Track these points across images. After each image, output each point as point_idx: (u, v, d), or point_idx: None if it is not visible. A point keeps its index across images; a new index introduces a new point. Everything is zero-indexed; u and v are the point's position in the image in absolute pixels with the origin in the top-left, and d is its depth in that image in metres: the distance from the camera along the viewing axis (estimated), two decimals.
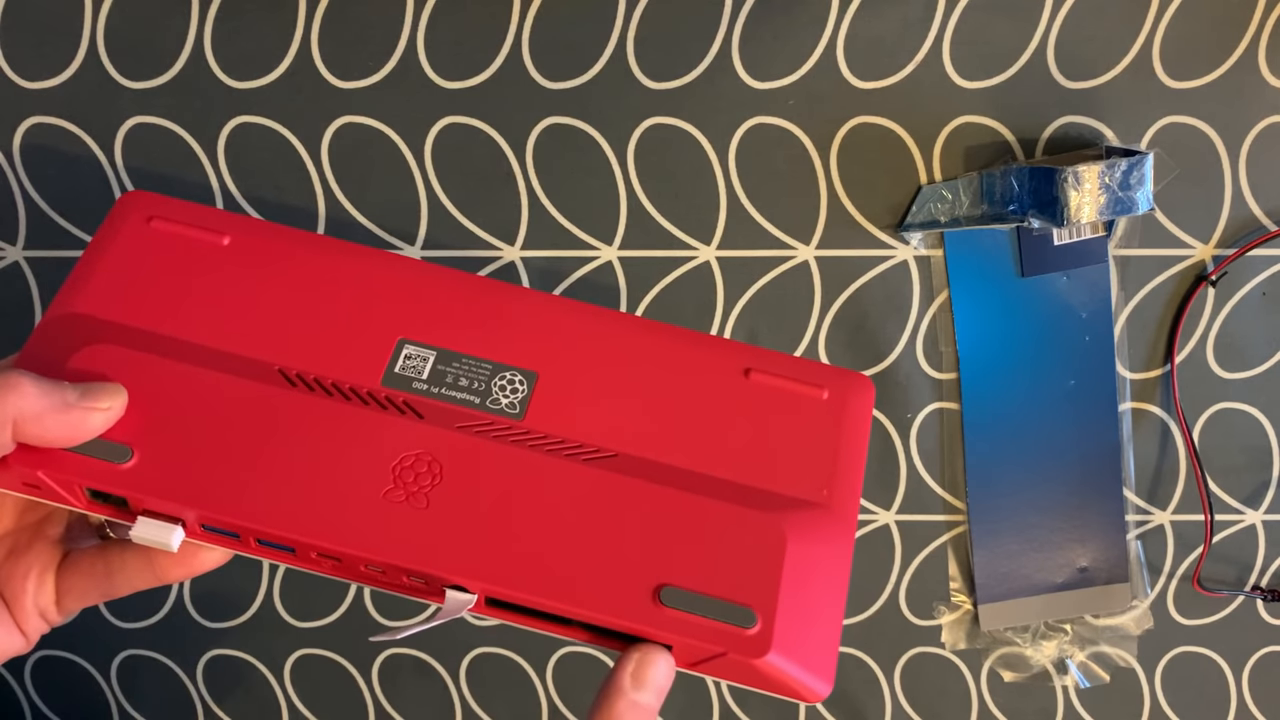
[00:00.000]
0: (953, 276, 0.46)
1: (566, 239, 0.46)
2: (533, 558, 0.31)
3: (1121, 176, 0.42)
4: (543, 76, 0.45)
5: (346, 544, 0.31)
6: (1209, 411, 0.47)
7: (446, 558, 0.31)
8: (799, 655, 0.31)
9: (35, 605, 0.34)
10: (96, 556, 0.34)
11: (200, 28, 0.45)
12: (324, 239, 0.36)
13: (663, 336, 0.35)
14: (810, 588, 0.33)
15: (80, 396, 0.30)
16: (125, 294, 0.34)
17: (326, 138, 0.45)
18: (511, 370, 0.34)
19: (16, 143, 0.45)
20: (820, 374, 0.35)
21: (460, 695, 0.49)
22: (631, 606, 0.31)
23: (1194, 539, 0.48)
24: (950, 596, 0.48)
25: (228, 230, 0.35)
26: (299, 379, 0.33)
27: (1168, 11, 0.45)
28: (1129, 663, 0.49)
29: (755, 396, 0.35)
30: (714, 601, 0.31)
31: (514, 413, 0.33)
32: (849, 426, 0.35)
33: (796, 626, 0.32)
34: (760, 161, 0.46)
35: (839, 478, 0.34)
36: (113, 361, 0.32)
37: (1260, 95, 0.45)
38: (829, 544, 0.33)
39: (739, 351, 0.35)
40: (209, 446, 0.31)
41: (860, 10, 0.45)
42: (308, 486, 0.31)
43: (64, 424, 0.30)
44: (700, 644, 0.31)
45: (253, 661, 0.49)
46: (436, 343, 0.34)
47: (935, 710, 0.49)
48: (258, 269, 0.35)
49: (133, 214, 0.35)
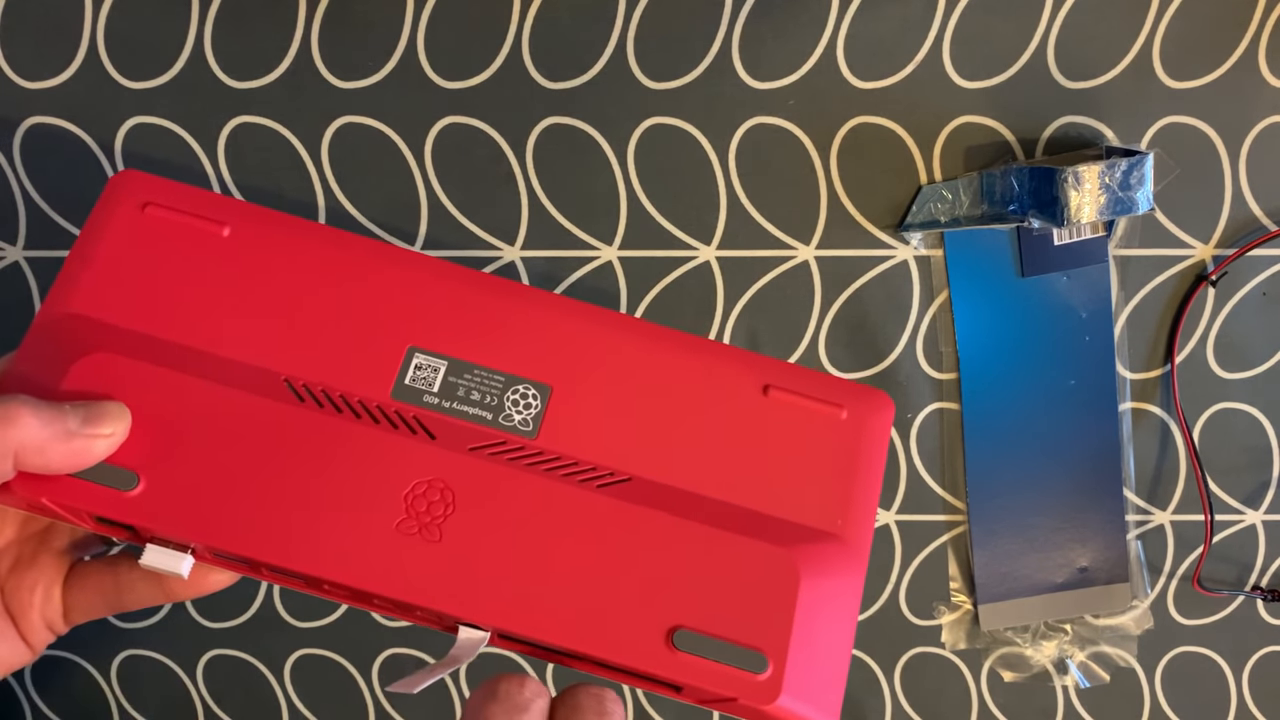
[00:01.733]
0: (953, 276, 0.46)
1: (566, 239, 0.46)
2: (547, 596, 0.31)
3: (1121, 176, 0.42)
4: (543, 76, 0.45)
5: (361, 581, 0.30)
6: (1209, 411, 0.47)
7: (461, 598, 0.31)
8: (808, 696, 0.32)
9: (42, 618, 0.33)
10: (105, 573, 0.34)
11: (200, 28, 0.45)
12: (327, 229, 0.34)
13: (680, 348, 0.34)
14: (821, 624, 0.32)
15: (82, 423, 0.29)
16: (122, 291, 0.32)
17: (326, 138, 0.45)
18: (525, 384, 0.33)
19: (16, 143, 0.45)
20: (840, 392, 0.34)
21: (460, 695, 0.49)
22: (645, 650, 0.31)
23: (1194, 539, 0.48)
24: (950, 596, 0.48)
25: (227, 219, 0.33)
26: (307, 392, 0.32)
27: (1168, 11, 0.45)
28: (1129, 663, 0.49)
29: (773, 416, 0.34)
30: (726, 645, 0.31)
31: (527, 430, 0.33)
32: (866, 449, 0.34)
33: (807, 667, 0.32)
34: (760, 161, 0.46)
35: (854, 506, 0.34)
36: (113, 373, 0.31)
37: (1260, 95, 0.45)
38: (841, 577, 0.33)
39: (758, 366, 0.34)
40: (218, 472, 0.31)
41: (860, 10, 0.45)
42: (320, 516, 0.31)
43: (67, 453, 0.29)
44: (711, 689, 0.31)
45: (253, 661, 0.49)
46: (448, 351, 0.33)
47: (935, 710, 0.49)
48: (260, 264, 0.33)
49: (126, 198, 0.33)
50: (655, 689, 0.32)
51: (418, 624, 0.32)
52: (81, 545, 0.35)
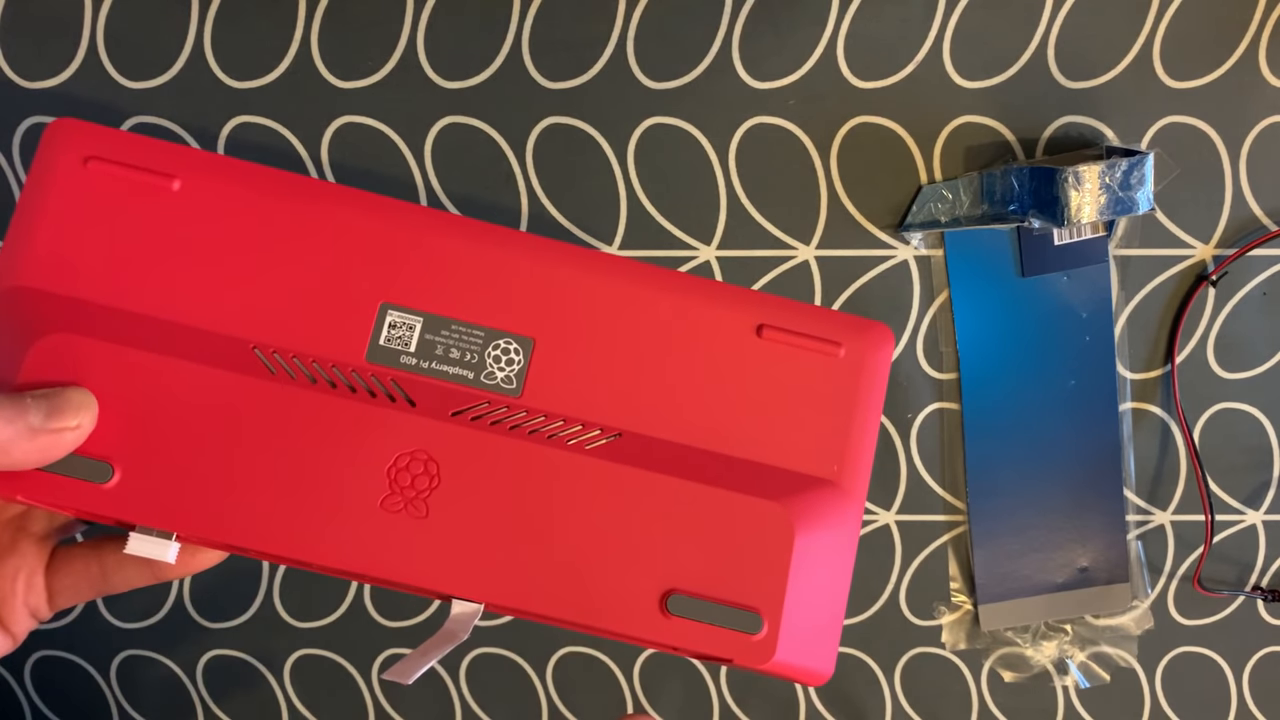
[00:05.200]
0: (953, 276, 0.46)
1: (566, 239, 0.46)
2: (539, 567, 0.30)
3: (1122, 176, 0.42)
4: (543, 76, 0.45)
5: (350, 564, 0.30)
6: (1209, 411, 0.47)
7: (452, 575, 0.30)
8: (802, 650, 0.32)
9: (26, 606, 0.33)
10: (90, 557, 0.33)
11: (200, 28, 0.45)
12: (283, 175, 0.32)
13: (668, 288, 0.32)
14: (817, 575, 0.32)
15: (46, 417, 0.28)
16: (71, 259, 0.30)
17: (326, 138, 0.45)
18: (506, 337, 0.31)
19: (16, 143, 0.45)
20: (837, 326, 0.33)
21: (460, 695, 0.49)
22: (639, 618, 0.30)
23: (1194, 539, 0.48)
24: (950, 596, 0.48)
25: (176, 170, 0.31)
26: (277, 360, 0.30)
27: (1168, 11, 0.45)
28: (1129, 663, 0.49)
29: (767, 358, 0.32)
30: (720, 608, 0.31)
31: (510, 388, 0.31)
32: (864, 388, 0.33)
33: (802, 620, 0.32)
34: (760, 161, 0.46)
35: (851, 449, 0.32)
36: (74, 355, 0.29)
37: (1260, 95, 0.45)
38: (838, 525, 0.33)
39: (751, 303, 0.32)
40: (195, 456, 0.30)
41: (860, 10, 0.45)
42: (303, 497, 0.30)
43: (33, 449, 0.28)
44: (707, 652, 0.31)
45: (253, 661, 0.49)
46: (422, 306, 0.31)
47: (935, 710, 0.49)
48: (216, 220, 0.31)
49: (66, 152, 0.30)
50: (651, 647, 0.32)
51: (409, 594, 0.31)
52: (63, 528, 0.34)
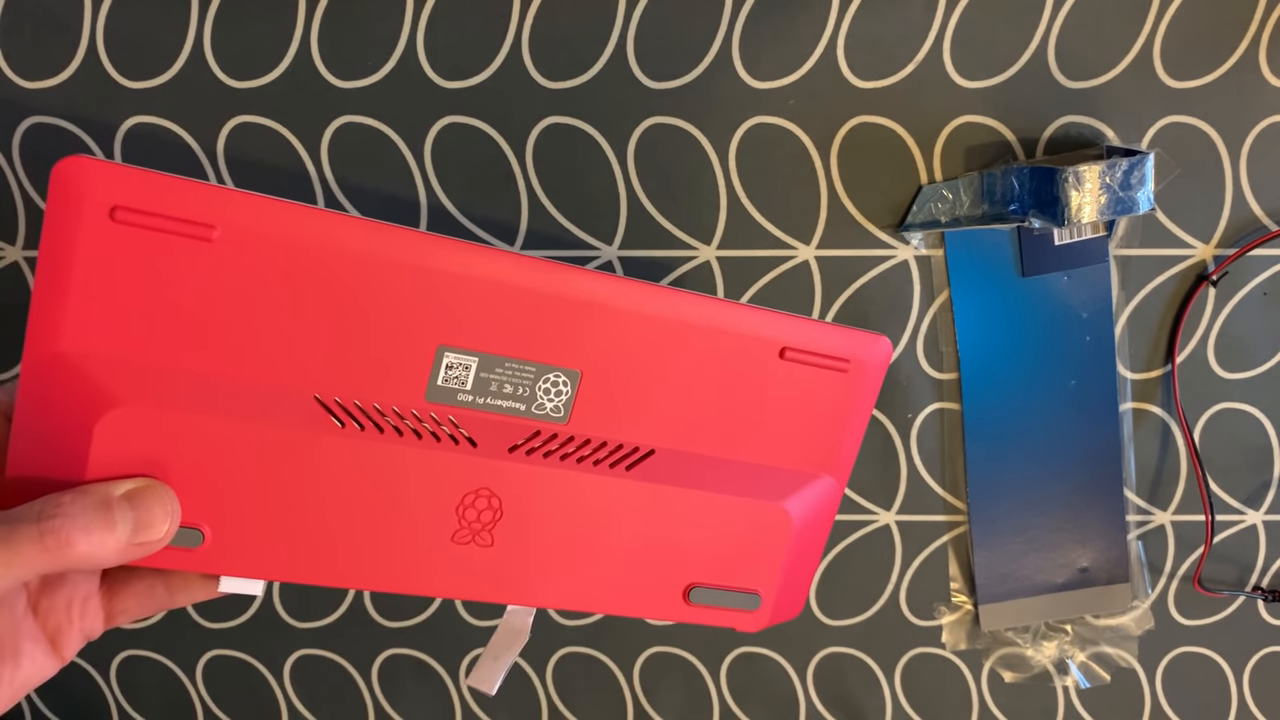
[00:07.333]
0: (953, 276, 0.46)
1: (566, 239, 0.46)
2: (587, 575, 0.35)
3: (1122, 176, 0.42)
4: (543, 76, 0.45)
5: (427, 590, 0.34)
6: (1210, 411, 0.47)
7: (516, 589, 0.35)
8: (786, 608, 0.38)
9: (81, 631, 0.32)
10: (155, 577, 0.33)
11: (200, 28, 0.45)
12: (325, 214, 0.30)
13: (700, 314, 0.34)
14: (804, 547, 0.38)
15: (133, 532, 0.28)
16: (112, 321, 0.29)
17: (326, 138, 0.45)
18: (555, 371, 0.33)
19: (16, 143, 0.45)
20: (846, 343, 0.36)
21: (460, 695, 0.49)
22: (668, 608, 0.37)
23: (1195, 539, 0.48)
24: (951, 597, 0.48)
25: (213, 215, 0.29)
26: (341, 409, 0.31)
27: (1168, 11, 0.45)
28: (1130, 663, 0.49)
29: (787, 380, 0.35)
30: (730, 593, 0.37)
31: (559, 416, 0.34)
32: (863, 393, 0.36)
33: (789, 588, 0.38)
34: (760, 161, 0.46)
35: (845, 445, 0.37)
36: (139, 431, 0.29)
37: (1260, 95, 0.45)
38: (825, 508, 0.38)
39: (776, 326, 0.35)
40: (277, 511, 0.32)
41: (860, 10, 0.45)
42: (381, 539, 0.33)
43: (126, 559, 0.28)
44: (715, 624, 0.37)
45: (252, 662, 0.49)
46: (477, 347, 0.32)
47: (935, 710, 0.49)
48: (261, 268, 0.29)
49: (88, 201, 0.28)
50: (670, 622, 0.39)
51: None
52: None
